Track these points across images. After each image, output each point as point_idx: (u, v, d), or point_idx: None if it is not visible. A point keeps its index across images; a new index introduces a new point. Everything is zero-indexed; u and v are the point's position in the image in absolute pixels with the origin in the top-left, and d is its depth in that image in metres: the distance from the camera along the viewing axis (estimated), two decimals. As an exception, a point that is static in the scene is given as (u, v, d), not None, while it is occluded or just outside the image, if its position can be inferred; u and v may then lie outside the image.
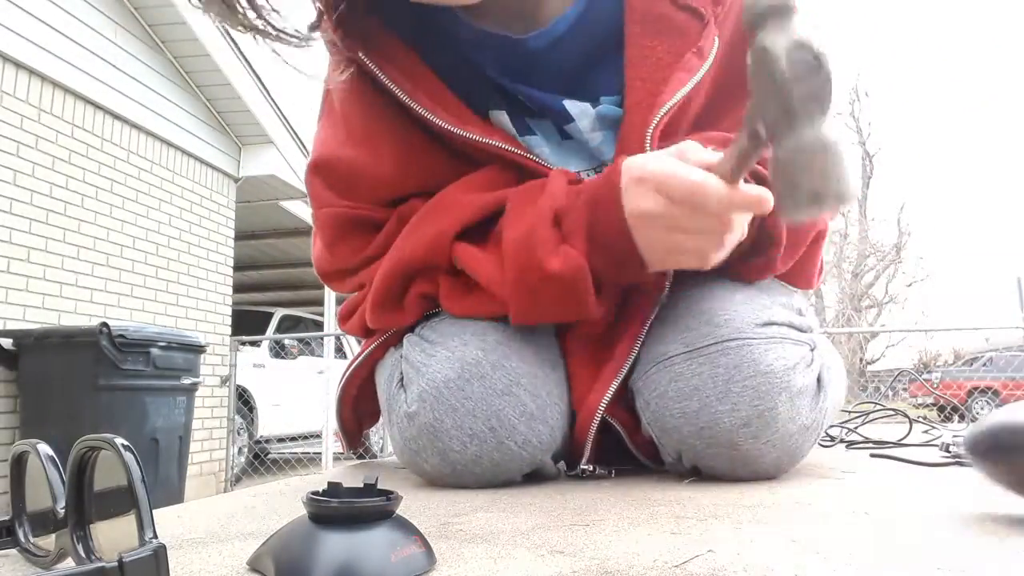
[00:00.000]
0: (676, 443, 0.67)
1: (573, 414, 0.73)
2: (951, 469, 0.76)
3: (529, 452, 0.68)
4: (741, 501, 0.56)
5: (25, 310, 3.19)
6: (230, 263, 4.77)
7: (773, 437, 0.64)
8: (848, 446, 1.04)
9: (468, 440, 0.66)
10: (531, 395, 0.68)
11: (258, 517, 0.55)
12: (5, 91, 3.13)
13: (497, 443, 0.66)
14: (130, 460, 0.30)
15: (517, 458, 0.68)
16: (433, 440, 0.67)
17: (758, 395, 0.63)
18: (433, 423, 0.66)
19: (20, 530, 0.41)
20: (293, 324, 6.57)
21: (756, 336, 0.64)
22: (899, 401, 8.03)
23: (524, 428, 0.67)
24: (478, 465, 0.67)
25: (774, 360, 0.63)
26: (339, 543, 0.33)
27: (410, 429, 0.68)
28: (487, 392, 0.66)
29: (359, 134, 0.77)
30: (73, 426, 2.75)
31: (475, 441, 0.66)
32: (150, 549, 0.28)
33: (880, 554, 0.38)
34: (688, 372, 0.65)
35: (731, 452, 0.64)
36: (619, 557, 0.38)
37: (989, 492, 0.46)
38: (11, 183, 3.13)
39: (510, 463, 0.68)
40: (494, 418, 0.66)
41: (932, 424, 1.27)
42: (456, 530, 0.47)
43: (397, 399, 0.70)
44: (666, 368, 0.67)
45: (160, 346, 3.02)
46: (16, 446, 0.41)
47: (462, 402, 0.66)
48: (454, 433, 0.66)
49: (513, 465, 0.68)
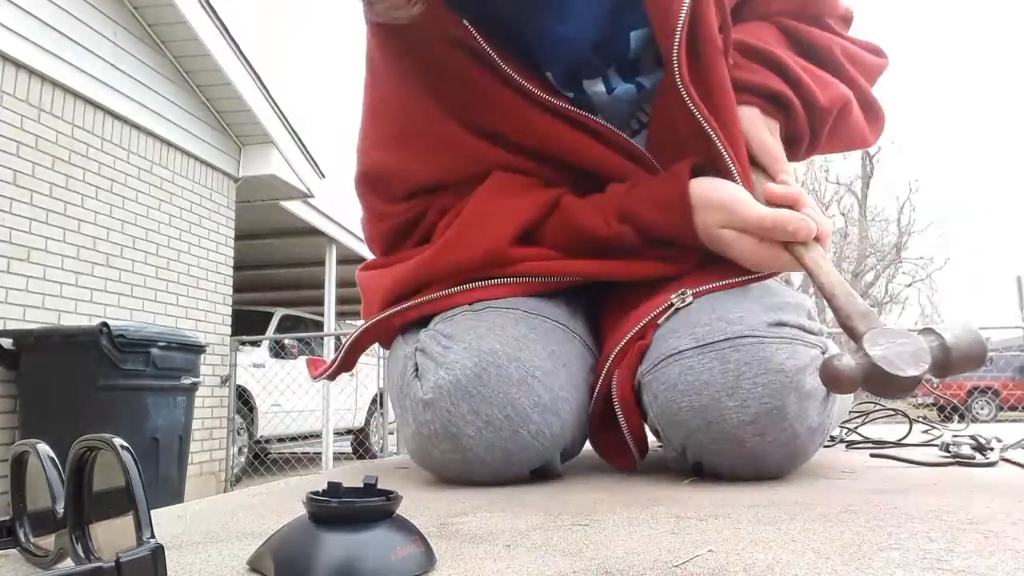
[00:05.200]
0: (683, 437, 0.67)
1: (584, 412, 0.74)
2: (951, 469, 0.76)
3: (542, 443, 0.69)
4: (741, 501, 0.56)
5: (25, 310, 3.19)
6: (230, 263, 4.77)
7: (779, 436, 0.64)
8: (848, 446, 1.04)
9: (484, 426, 0.67)
10: (545, 387, 0.69)
11: (258, 517, 0.55)
12: (5, 91, 3.13)
13: (512, 432, 0.67)
14: (128, 460, 0.30)
15: (530, 448, 0.68)
16: (448, 425, 0.67)
17: (768, 393, 0.63)
18: (450, 408, 0.67)
19: (20, 530, 0.41)
20: (293, 324, 6.56)
21: (768, 335, 0.65)
22: (899, 401, 8.01)
23: (538, 418, 0.68)
24: (490, 454, 0.68)
25: (785, 359, 0.63)
26: (339, 543, 0.33)
27: (425, 415, 0.69)
28: (503, 381, 0.67)
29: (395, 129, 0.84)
30: (73, 426, 2.75)
31: (490, 428, 0.67)
32: (148, 549, 0.28)
33: (880, 554, 0.38)
34: (698, 366, 0.65)
35: (737, 449, 0.64)
36: (619, 557, 0.38)
37: (989, 492, 0.46)
38: (11, 183, 3.13)
39: (522, 453, 0.68)
40: (509, 407, 0.67)
41: (932, 424, 1.27)
42: (456, 530, 0.47)
43: (412, 387, 0.71)
44: (676, 362, 0.67)
45: (160, 346, 3.02)
46: (16, 446, 0.41)
47: (479, 389, 0.67)
48: (470, 419, 0.67)
49: (525, 456, 0.69)
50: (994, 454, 0.80)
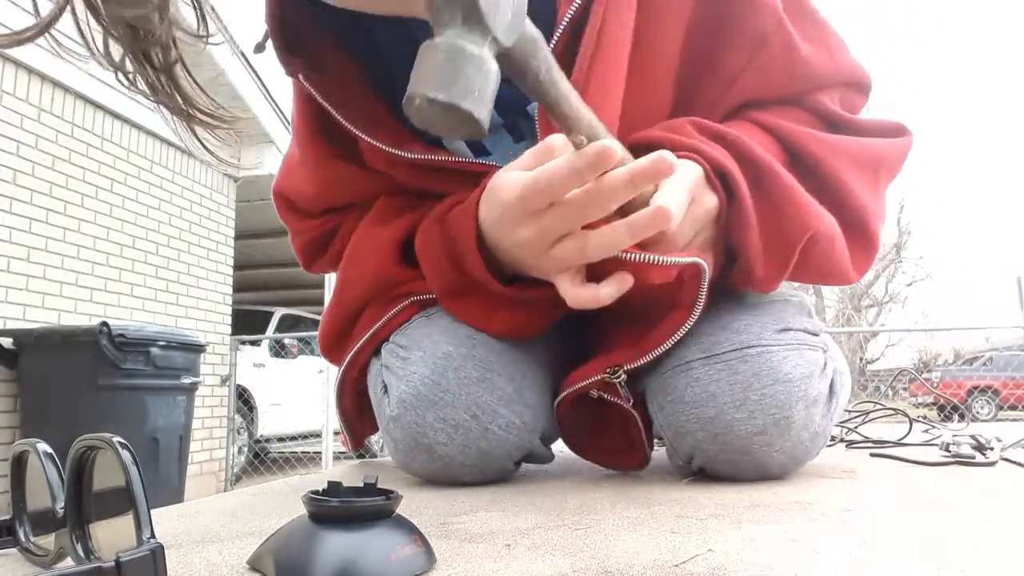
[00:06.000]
0: (690, 447, 0.66)
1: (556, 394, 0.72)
2: (951, 469, 0.76)
3: (515, 435, 0.68)
4: (741, 501, 0.56)
5: (25, 309, 3.19)
6: (230, 263, 4.77)
7: (786, 445, 0.64)
8: (848, 446, 1.04)
9: (453, 431, 0.66)
10: (506, 379, 0.68)
11: (258, 517, 0.55)
12: (5, 91, 3.13)
13: (482, 430, 0.67)
14: (128, 460, 0.30)
15: (504, 442, 0.68)
16: (419, 438, 0.67)
17: (776, 404, 0.62)
18: (416, 421, 0.67)
19: (20, 529, 0.41)
20: (293, 323, 6.56)
21: (775, 343, 0.63)
22: (899, 400, 8.04)
23: (505, 411, 0.67)
24: (467, 456, 0.67)
25: (792, 368, 0.62)
26: (339, 543, 0.33)
27: (396, 431, 0.69)
28: (462, 381, 0.66)
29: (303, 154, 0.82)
30: (73, 426, 2.75)
31: (460, 431, 0.66)
32: (148, 549, 0.28)
33: (880, 554, 0.38)
34: (706, 378, 0.64)
35: (743, 458, 0.64)
36: (619, 557, 0.38)
37: (989, 492, 0.46)
38: (11, 182, 3.13)
39: (498, 449, 0.68)
40: (474, 406, 0.66)
41: (932, 424, 1.27)
42: (456, 530, 0.47)
43: (382, 405, 0.71)
44: (683, 372, 0.65)
45: (160, 345, 3.02)
46: (16, 446, 0.41)
47: (440, 395, 0.66)
48: (438, 427, 0.66)
49: (501, 450, 0.68)
50: (994, 454, 0.80)
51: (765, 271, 0.63)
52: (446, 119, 0.37)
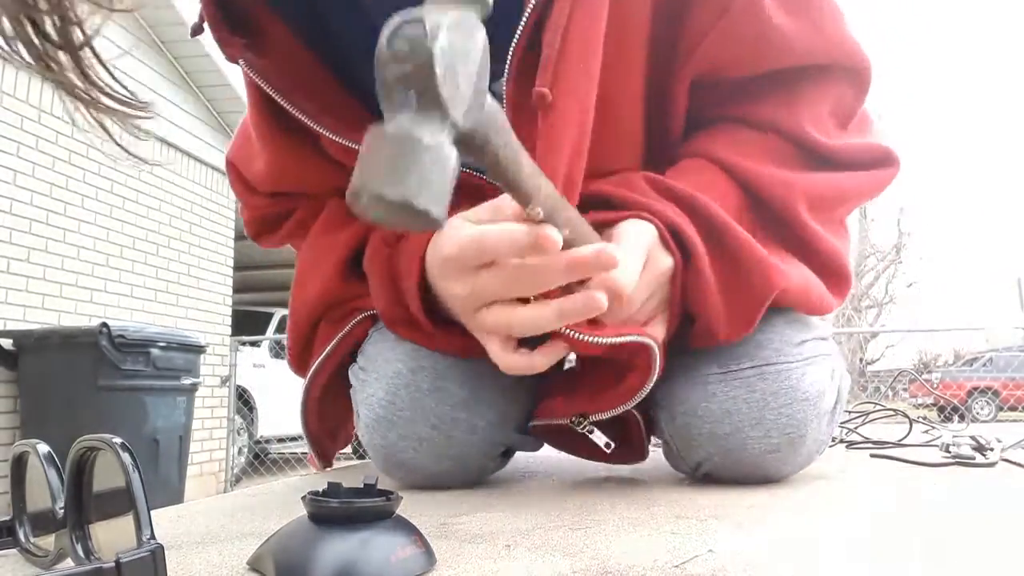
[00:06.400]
0: (700, 457, 0.66)
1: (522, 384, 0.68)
2: (951, 469, 0.76)
3: (480, 435, 0.67)
4: (741, 501, 0.56)
5: (25, 310, 3.19)
6: (230, 263, 4.77)
7: (797, 460, 0.64)
8: (848, 446, 1.04)
9: (418, 445, 0.66)
10: (459, 384, 0.66)
11: (258, 517, 0.55)
12: (5, 91, 3.13)
13: (446, 438, 0.66)
14: (128, 460, 0.30)
15: (471, 445, 0.67)
16: (388, 457, 0.67)
17: (792, 423, 0.61)
18: (382, 442, 0.67)
19: (20, 530, 0.41)
20: (293, 324, 6.55)
21: (794, 359, 0.62)
22: (899, 401, 8.03)
23: (464, 415, 0.66)
24: (440, 464, 0.67)
25: (809, 386, 0.62)
26: (339, 543, 0.33)
27: (370, 452, 0.69)
28: (414, 396, 0.65)
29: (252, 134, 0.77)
30: (73, 426, 2.75)
31: (424, 444, 0.66)
32: (148, 549, 0.28)
33: (880, 554, 0.38)
34: (722, 394, 0.62)
35: (753, 471, 0.64)
36: (619, 557, 0.38)
37: (989, 493, 0.46)
38: (11, 183, 3.13)
39: (470, 451, 0.67)
40: (432, 416, 0.65)
41: (932, 424, 1.27)
42: (456, 530, 0.47)
43: (358, 427, 0.71)
44: (699, 386, 0.64)
45: (160, 346, 3.02)
46: (16, 446, 0.41)
47: (397, 415, 0.66)
48: (404, 444, 0.66)
49: (472, 453, 0.68)
50: (994, 454, 0.80)
51: (728, 329, 0.60)
52: (398, 216, 0.32)
